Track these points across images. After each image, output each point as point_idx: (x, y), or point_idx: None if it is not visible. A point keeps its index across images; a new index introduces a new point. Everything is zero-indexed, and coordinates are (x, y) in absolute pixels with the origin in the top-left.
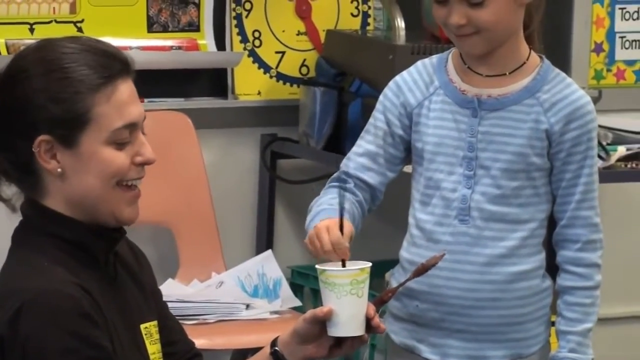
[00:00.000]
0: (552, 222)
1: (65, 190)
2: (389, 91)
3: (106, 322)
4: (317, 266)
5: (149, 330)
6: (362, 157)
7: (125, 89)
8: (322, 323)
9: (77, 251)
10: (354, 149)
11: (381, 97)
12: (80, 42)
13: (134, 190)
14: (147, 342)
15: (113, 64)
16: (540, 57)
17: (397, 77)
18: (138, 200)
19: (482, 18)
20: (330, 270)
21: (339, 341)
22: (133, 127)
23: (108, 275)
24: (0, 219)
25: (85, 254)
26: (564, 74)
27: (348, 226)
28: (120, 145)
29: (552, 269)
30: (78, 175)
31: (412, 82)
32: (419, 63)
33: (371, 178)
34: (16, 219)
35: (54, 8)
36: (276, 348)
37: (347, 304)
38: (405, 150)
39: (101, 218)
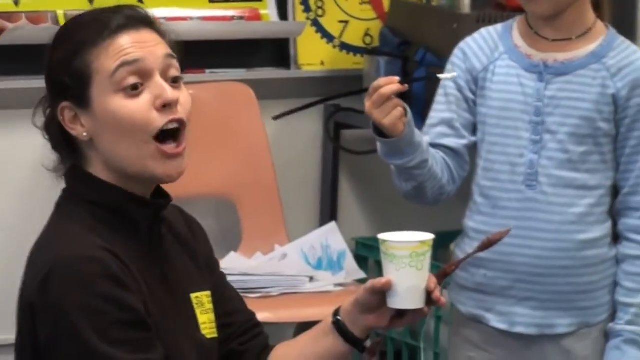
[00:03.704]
0: (616, 191)
1: (99, 154)
2: (455, 58)
3: (140, 286)
4: (378, 236)
5: (200, 299)
6: (437, 126)
7: (128, 38)
8: (382, 293)
9: (115, 218)
10: (427, 121)
11: (448, 66)
12: (98, 10)
13: (170, 144)
14: (197, 312)
15: (112, 20)
16: (606, 26)
17: (462, 44)
18: (180, 157)
19: None
20: (390, 241)
21: (400, 313)
22: (137, 68)
23: (150, 242)
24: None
25: (124, 220)
26: (629, 42)
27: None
28: (129, 92)
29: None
30: (102, 135)
31: (477, 47)
32: (483, 30)
33: (451, 142)
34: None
35: None
36: (338, 317)
37: (405, 276)
38: None
39: (135, 178)
